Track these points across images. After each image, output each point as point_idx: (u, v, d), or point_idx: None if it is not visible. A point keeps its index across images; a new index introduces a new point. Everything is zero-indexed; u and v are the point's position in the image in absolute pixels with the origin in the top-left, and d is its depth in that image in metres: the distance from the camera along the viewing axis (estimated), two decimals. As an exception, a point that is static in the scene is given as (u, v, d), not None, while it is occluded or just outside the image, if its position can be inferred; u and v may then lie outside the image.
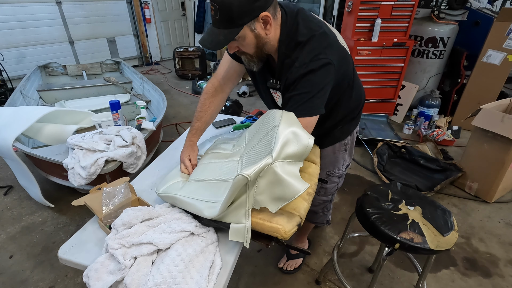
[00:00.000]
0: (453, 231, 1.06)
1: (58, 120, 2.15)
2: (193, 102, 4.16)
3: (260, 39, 0.94)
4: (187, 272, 0.78)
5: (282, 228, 0.82)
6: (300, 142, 0.84)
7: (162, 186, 1.07)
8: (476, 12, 3.32)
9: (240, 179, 0.78)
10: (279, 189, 0.80)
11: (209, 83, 1.22)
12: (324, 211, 1.51)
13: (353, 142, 1.33)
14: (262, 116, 1.12)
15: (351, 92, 1.13)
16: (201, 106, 1.21)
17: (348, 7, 3.11)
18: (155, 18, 5.90)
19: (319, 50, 0.93)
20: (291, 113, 0.94)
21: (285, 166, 0.81)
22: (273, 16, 0.92)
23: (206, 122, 1.23)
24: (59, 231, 1.96)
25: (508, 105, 2.27)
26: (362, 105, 1.26)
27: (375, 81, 3.30)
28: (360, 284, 1.65)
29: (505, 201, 2.28)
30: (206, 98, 1.21)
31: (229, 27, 0.89)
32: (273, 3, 0.90)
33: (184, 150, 1.19)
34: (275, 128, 0.88)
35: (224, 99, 1.26)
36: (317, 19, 1.01)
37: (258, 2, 0.85)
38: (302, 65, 0.93)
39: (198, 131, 1.22)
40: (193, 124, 1.21)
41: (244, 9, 0.85)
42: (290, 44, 0.96)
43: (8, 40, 4.24)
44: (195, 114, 1.22)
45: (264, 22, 0.90)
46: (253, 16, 0.87)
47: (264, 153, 0.85)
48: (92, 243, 0.93)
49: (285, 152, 0.81)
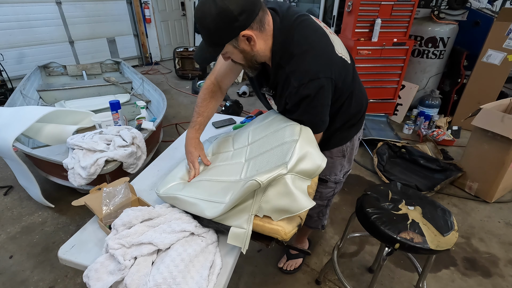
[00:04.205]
0: (453, 231, 1.06)
1: (58, 120, 2.15)
2: (193, 102, 4.16)
3: (247, 53, 0.93)
4: (187, 272, 0.78)
5: (282, 229, 0.82)
6: (314, 161, 0.87)
7: (162, 187, 1.06)
8: (476, 12, 3.32)
9: (254, 184, 0.80)
10: (286, 201, 0.81)
11: (207, 79, 1.22)
12: (320, 216, 1.50)
13: (353, 148, 1.29)
14: (270, 119, 1.13)
15: (350, 100, 1.10)
16: (201, 102, 1.19)
17: (348, 7, 3.11)
18: (155, 18, 5.90)
19: (317, 68, 0.90)
20: (308, 129, 0.98)
21: (296, 180, 0.83)
22: (259, 30, 0.89)
23: (208, 117, 1.21)
24: (59, 231, 1.96)
25: (508, 105, 2.27)
26: (363, 111, 1.21)
27: (375, 81, 3.30)
28: (360, 284, 1.65)
29: (505, 201, 2.28)
30: (206, 93, 1.19)
31: (212, 46, 0.91)
32: (258, 17, 0.86)
33: (192, 150, 1.14)
34: (293, 142, 0.91)
35: (222, 96, 1.25)
36: (316, 26, 0.97)
37: (237, 23, 0.83)
38: (300, 85, 0.91)
39: (202, 126, 1.19)
40: (195, 120, 1.18)
41: (222, 31, 0.85)
42: (285, 55, 0.93)
43: (8, 40, 4.24)
44: (195, 110, 1.19)
45: (248, 39, 0.88)
46: (233, 36, 0.86)
47: (277, 162, 0.88)
48: (92, 243, 0.93)
49: (299, 167, 0.84)
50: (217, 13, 0.81)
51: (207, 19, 0.83)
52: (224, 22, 0.82)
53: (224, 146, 1.21)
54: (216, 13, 0.81)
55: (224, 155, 1.16)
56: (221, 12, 0.81)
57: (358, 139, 1.30)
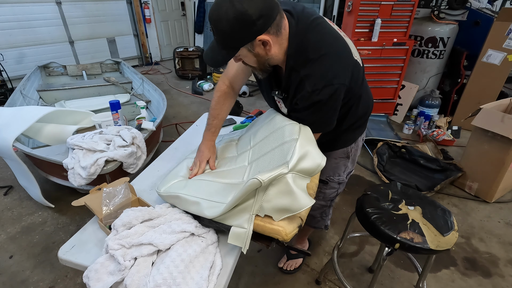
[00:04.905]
0: (453, 231, 1.06)
1: (58, 120, 2.15)
2: (193, 102, 4.16)
3: (261, 57, 0.91)
4: (187, 273, 0.78)
5: (283, 230, 0.82)
6: (314, 160, 0.87)
7: (163, 185, 1.06)
8: (476, 12, 3.32)
9: (255, 183, 0.80)
10: (287, 200, 0.81)
11: (220, 81, 1.22)
12: (323, 216, 1.50)
13: (357, 149, 1.29)
14: (269, 119, 1.13)
15: (358, 103, 1.09)
16: (215, 104, 1.20)
17: (348, 7, 3.11)
18: (155, 18, 5.90)
19: (333, 74, 0.89)
20: (308, 128, 0.97)
21: (296, 179, 0.84)
22: (276, 34, 0.87)
23: (222, 119, 1.24)
24: (59, 231, 1.96)
25: (508, 105, 2.27)
26: (369, 112, 1.21)
27: (375, 81, 3.30)
28: (360, 284, 1.65)
29: (505, 201, 2.28)
30: (220, 95, 1.20)
31: (226, 48, 0.88)
32: (275, 22, 0.84)
33: (204, 150, 1.16)
34: (293, 141, 0.91)
35: (235, 96, 1.26)
36: (331, 30, 0.95)
37: (254, 27, 0.80)
38: (314, 90, 0.89)
39: (217, 129, 1.22)
40: (211, 122, 1.20)
41: (239, 35, 0.82)
42: (300, 59, 0.91)
43: (8, 40, 4.24)
44: (210, 113, 1.21)
45: (263, 43, 0.86)
46: (249, 40, 0.84)
47: (278, 162, 0.89)
48: (92, 243, 0.93)
49: (300, 166, 0.84)
50: (234, 16, 0.78)
51: (223, 22, 0.80)
52: (241, 26, 0.80)
53: (228, 151, 1.22)
54: (233, 17, 0.78)
55: (228, 160, 1.17)
56: (239, 16, 0.78)
57: (362, 140, 1.30)
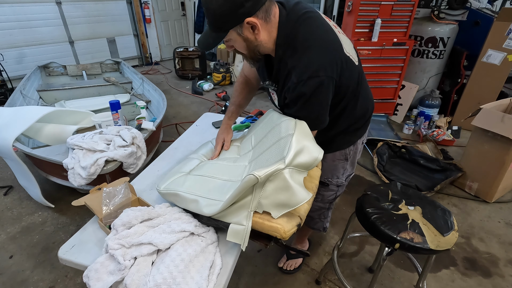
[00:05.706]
0: (453, 231, 1.06)
1: (58, 120, 2.15)
2: (193, 102, 4.16)
3: (250, 42, 0.92)
4: (187, 273, 0.78)
5: (281, 227, 0.82)
6: (311, 154, 0.87)
7: (163, 183, 1.07)
8: (476, 12, 3.32)
9: (251, 179, 0.80)
10: (285, 195, 0.81)
11: (239, 74, 1.33)
12: (321, 218, 1.49)
13: (356, 152, 1.29)
14: (267, 118, 1.13)
15: (356, 102, 1.09)
16: (233, 93, 1.33)
17: (348, 7, 3.11)
18: (155, 18, 5.90)
19: (318, 65, 0.89)
20: (304, 123, 0.97)
21: (293, 174, 0.83)
22: (265, 20, 0.89)
23: (239, 106, 1.33)
24: (59, 231, 1.96)
25: (508, 105, 2.27)
26: (369, 116, 1.20)
27: (375, 81, 3.30)
28: (360, 284, 1.65)
29: (505, 201, 2.28)
30: (238, 84, 1.32)
31: (216, 31, 0.90)
32: (264, 6, 0.86)
33: (219, 134, 1.27)
34: (289, 136, 0.91)
35: (253, 88, 1.34)
36: (323, 23, 0.96)
37: (242, 9, 0.82)
38: (300, 81, 0.90)
39: (234, 114, 1.32)
40: (229, 109, 1.33)
41: (226, 16, 0.84)
42: (288, 49, 0.92)
43: (8, 40, 4.24)
44: (230, 100, 1.36)
45: (252, 27, 0.88)
46: (237, 22, 0.86)
47: (275, 158, 0.88)
48: (92, 243, 0.94)
49: (297, 161, 0.84)
50: None
51: (213, 3, 0.83)
52: (229, 7, 0.82)
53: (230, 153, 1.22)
54: None
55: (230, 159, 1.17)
56: None
57: (362, 143, 1.29)
